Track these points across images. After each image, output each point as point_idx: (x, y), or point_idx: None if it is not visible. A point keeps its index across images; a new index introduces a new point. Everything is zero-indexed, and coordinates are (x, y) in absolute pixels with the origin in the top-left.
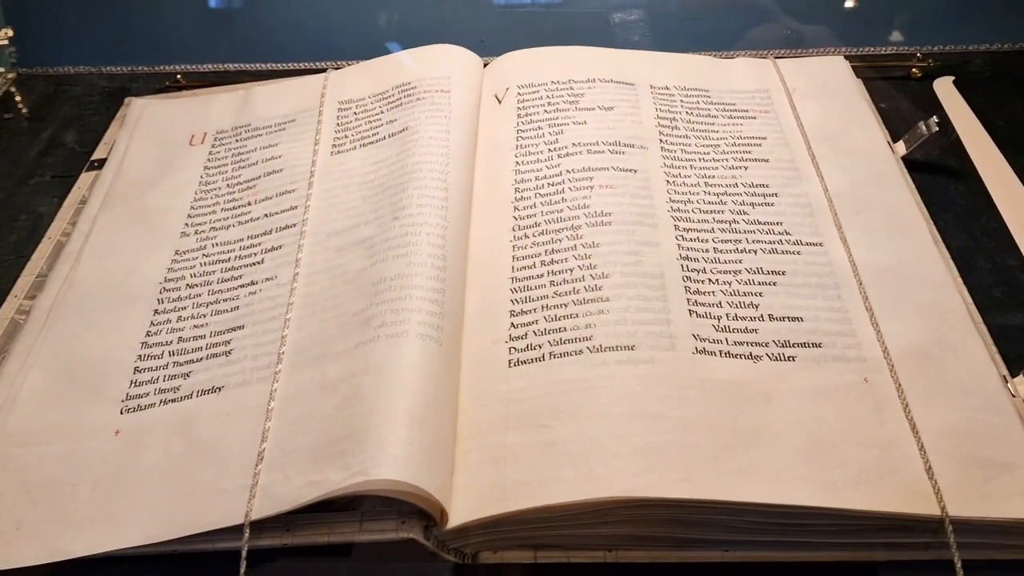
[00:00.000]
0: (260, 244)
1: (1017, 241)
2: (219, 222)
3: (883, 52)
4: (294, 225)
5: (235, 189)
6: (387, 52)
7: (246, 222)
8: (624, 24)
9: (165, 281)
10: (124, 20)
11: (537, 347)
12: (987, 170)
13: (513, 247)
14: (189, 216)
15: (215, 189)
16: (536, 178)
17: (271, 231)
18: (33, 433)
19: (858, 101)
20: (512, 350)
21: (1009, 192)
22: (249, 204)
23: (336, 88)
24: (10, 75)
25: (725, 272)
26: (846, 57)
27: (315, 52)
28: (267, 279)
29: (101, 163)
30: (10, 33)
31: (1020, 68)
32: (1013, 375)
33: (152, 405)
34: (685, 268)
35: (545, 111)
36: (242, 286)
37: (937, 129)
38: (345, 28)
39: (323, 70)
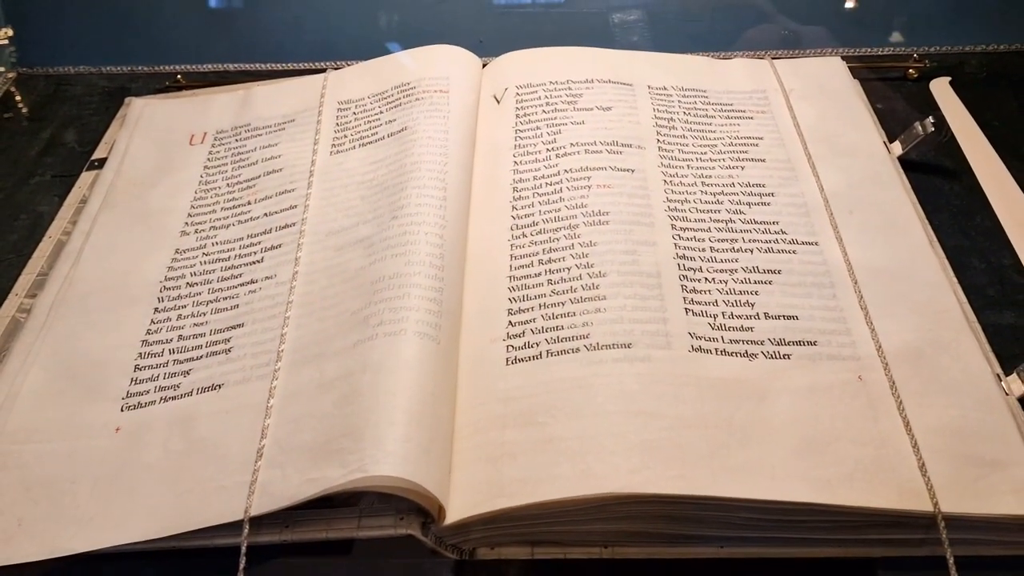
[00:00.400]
0: (260, 243)
1: (1012, 241)
2: (219, 221)
3: (880, 53)
4: (293, 224)
5: (235, 188)
6: (386, 52)
7: (246, 221)
8: (623, 25)
9: (165, 280)
10: (124, 20)
11: (535, 345)
12: (982, 170)
13: (511, 246)
14: (189, 215)
15: (215, 188)
16: (534, 178)
17: (271, 230)
18: (34, 431)
19: (855, 101)
20: (510, 348)
21: (1004, 192)
22: (249, 203)
23: (335, 88)
24: (10, 75)
25: (721, 271)
26: (843, 58)
27: (314, 52)
28: (267, 278)
29: (101, 163)
30: (10, 33)
31: (1016, 69)
32: (1007, 374)
33: (152, 403)
34: (682, 267)
35: (543, 111)
36: (242, 285)
37: (933, 129)
38: (344, 28)
39: (323, 70)
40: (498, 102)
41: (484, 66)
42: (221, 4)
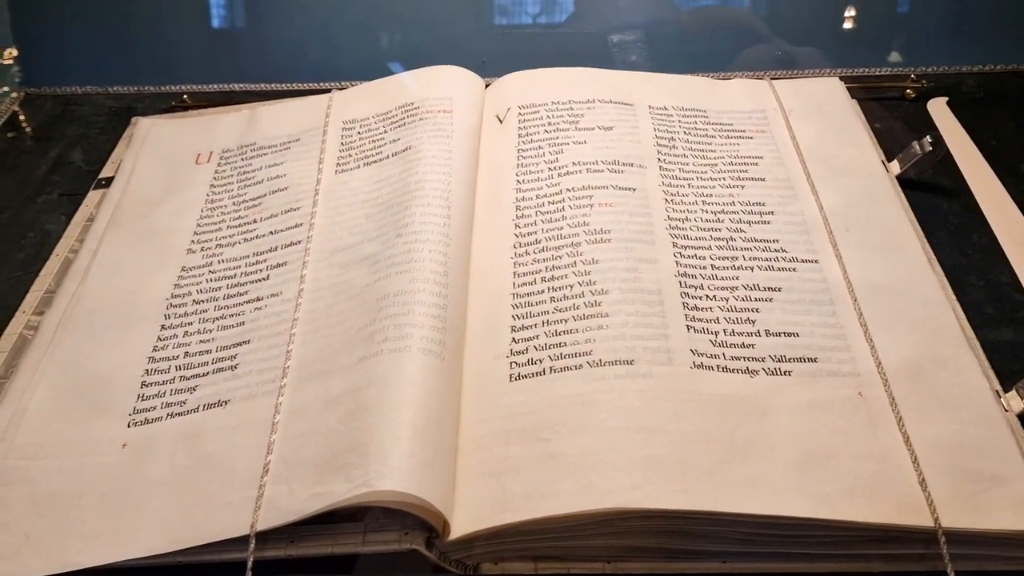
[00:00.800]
0: (265, 261)
1: (1009, 259)
2: (225, 239)
3: (877, 73)
4: (299, 242)
5: (241, 207)
6: (390, 73)
7: (251, 239)
8: (623, 45)
9: (172, 297)
10: (130, 41)
11: (538, 362)
12: (980, 189)
13: (514, 263)
14: (195, 233)
15: (221, 207)
16: (537, 196)
17: (276, 248)
18: (41, 446)
19: (853, 121)
20: (513, 364)
21: (1001, 210)
22: (255, 221)
23: (340, 108)
24: (15, 94)
25: (722, 288)
26: (841, 78)
27: (319, 73)
28: (272, 295)
29: (108, 181)
30: (15, 52)
31: (1012, 89)
32: (1006, 390)
33: (159, 419)
34: (683, 284)
35: (545, 131)
36: (248, 302)
37: (930, 149)
38: (348, 49)
39: (327, 90)
40: (501, 122)
41: (487, 86)
42: (223, 24)
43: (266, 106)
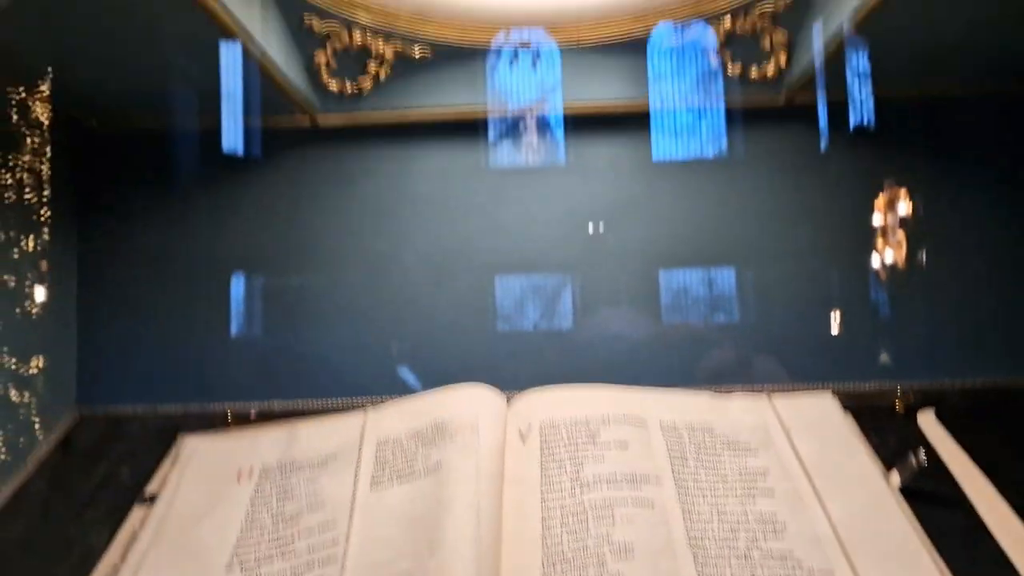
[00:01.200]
0: None
1: (1013, 561)
2: (263, 555)
3: (866, 389)
4: (336, 559)
5: (279, 523)
6: (416, 388)
7: (289, 555)
8: (622, 355)
9: None
10: (176, 364)
11: None
12: (978, 497)
13: None
14: (235, 549)
15: (260, 523)
16: (561, 510)
17: (313, 564)
18: None
19: (849, 436)
20: None
21: (999, 516)
22: (292, 537)
23: (374, 426)
24: (29, 400)
25: None
26: (833, 391)
27: (352, 388)
28: None
29: (153, 498)
30: (40, 364)
31: (992, 400)
32: None
33: None
34: None
35: (566, 448)
36: None
37: (925, 463)
38: (377, 367)
39: (360, 405)
40: (523, 440)
41: (508, 399)
42: (261, 347)
43: (304, 424)
